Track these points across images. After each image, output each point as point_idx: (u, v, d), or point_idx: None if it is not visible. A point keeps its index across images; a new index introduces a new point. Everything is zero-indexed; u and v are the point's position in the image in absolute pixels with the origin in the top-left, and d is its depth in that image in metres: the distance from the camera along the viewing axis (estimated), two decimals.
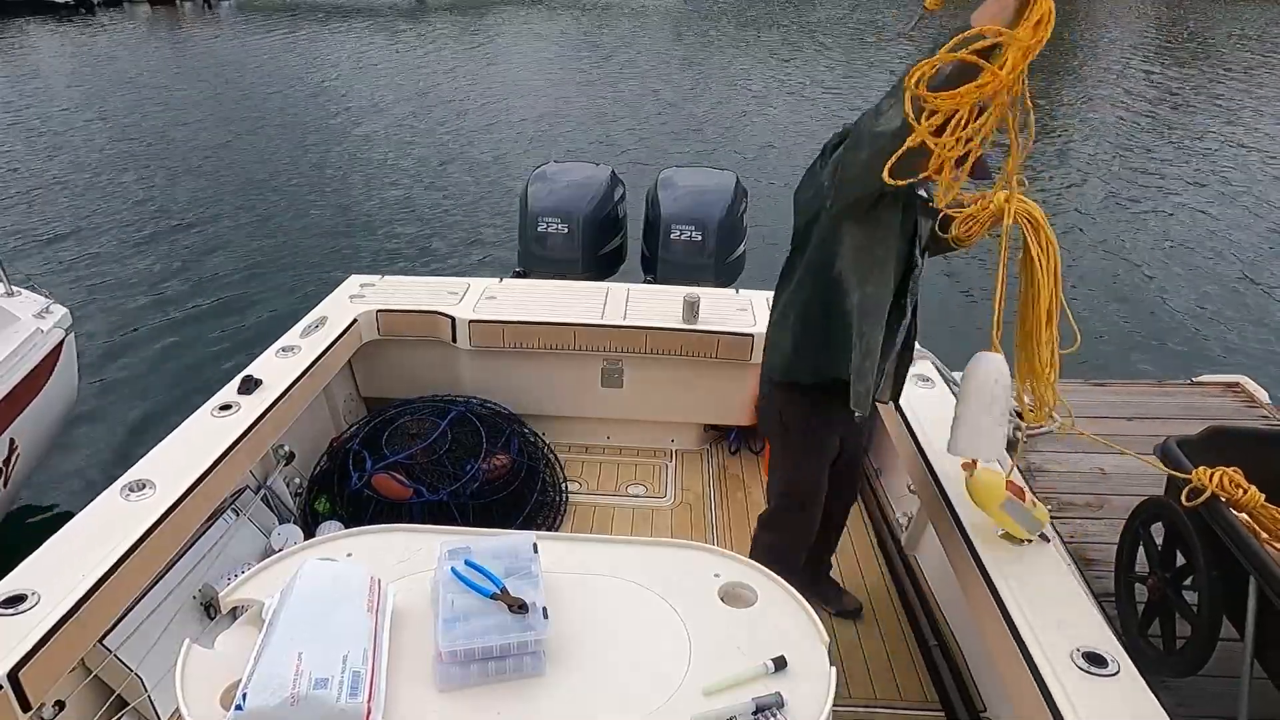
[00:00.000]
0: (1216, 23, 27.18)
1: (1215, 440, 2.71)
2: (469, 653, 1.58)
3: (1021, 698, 2.01)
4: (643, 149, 12.60)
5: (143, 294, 7.87)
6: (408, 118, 14.73)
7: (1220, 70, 19.23)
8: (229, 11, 31.36)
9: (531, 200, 4.86)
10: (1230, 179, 11.41)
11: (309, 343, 3.47)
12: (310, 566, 1.74)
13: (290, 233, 9.46)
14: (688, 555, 1.97)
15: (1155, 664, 2.61)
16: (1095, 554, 3.32)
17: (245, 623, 1.75)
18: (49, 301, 4.42)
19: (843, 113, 15.12)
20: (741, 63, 20.41)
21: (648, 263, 5.00)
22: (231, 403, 2.97)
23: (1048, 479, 3.75)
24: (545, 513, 3.59)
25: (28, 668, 1.90)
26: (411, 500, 3.36)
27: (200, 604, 2.76)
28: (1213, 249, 9.11)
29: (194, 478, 2.55)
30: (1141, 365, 6.69)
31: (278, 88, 17.19)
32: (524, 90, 17.24)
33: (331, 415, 3.87)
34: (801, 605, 1.81)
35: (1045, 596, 2.18)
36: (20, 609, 2.01)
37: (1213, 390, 4.50)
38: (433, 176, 11.52)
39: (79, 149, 12.55)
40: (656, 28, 27.11)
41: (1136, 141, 13.32)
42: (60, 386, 4.41)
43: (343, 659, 1.52)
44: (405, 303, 3.88)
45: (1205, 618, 2.45)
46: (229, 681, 1.57)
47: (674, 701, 1.57)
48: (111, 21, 28.04)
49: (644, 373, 3.86)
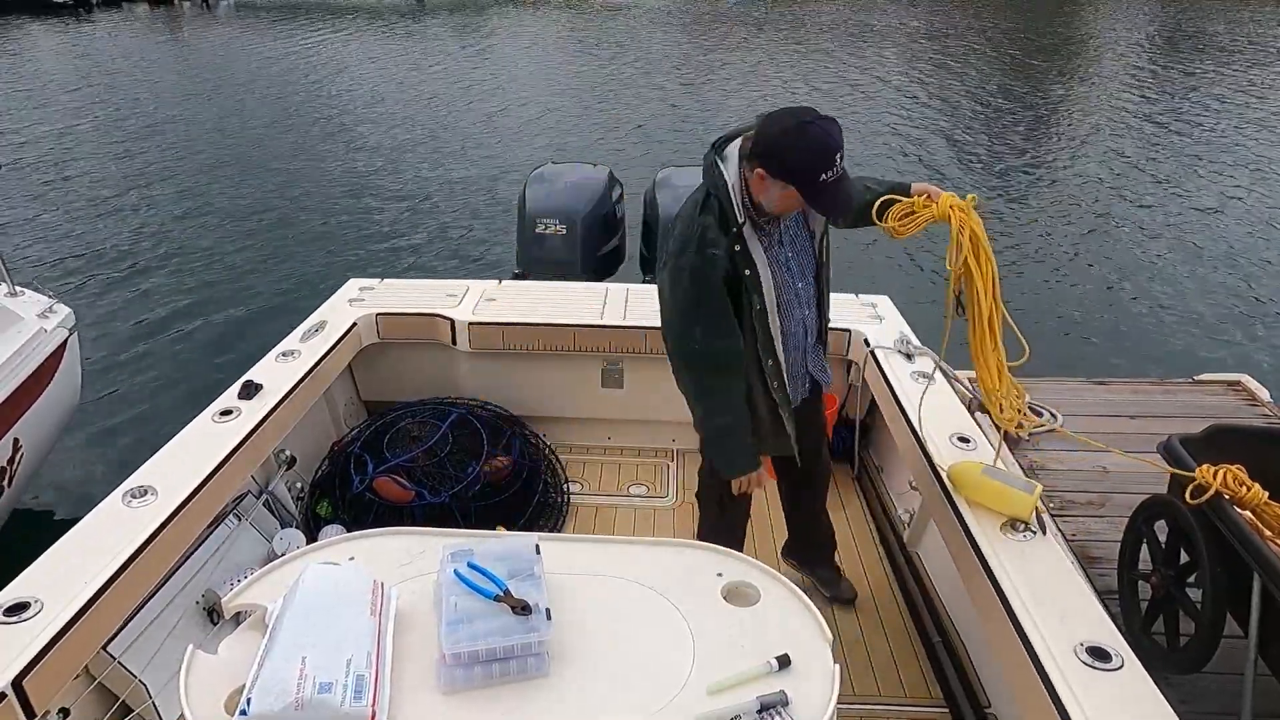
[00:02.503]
0: (1215, 21, 27.20)
1: (1217, 438, 2.71)
2: (472, 655, 1.58)
3: (1025, 693, 2.01)
4: (640, 149, 12.59)
5: (142, 295, 7.88)
6: (406, 119, 14.72)
7: (1222, 69, 19.23)
8: (227, 11, 31.35)
9: (530, 201, 4.86)
10: (1231, 178, 11.41)
11: (309, 347, 3.47)
12: (313, 570, 1.74)
13: (289, 235, 9.45)
14: (690, 555, 1.97)
15: (1159, 661, 2.61)
16: (1098, 552, 3.32)
17: (248, 628, 1.75)
18: (52, 301, 4.43)
19: (843, 112, 15.15)
20: (740, 63, 20.41)
21: (647, 263, 5.00)
22: (232, 408, 2.97)
23: (1050, 477, 3.75)
24: (547, 514, 3.59)
25: (31, 676, 1.89)
26: (413, 503, 3.36)
27: (203, 609, 2.75)
28: (1214, 248, 9.10)
29: (196, 483, 2.55)
30: (1143, 364, 6.69)
31: (276, 88, 17.18)
32: (522, 91, 17.24)
33: (332, 419, 3.87)
34: (805, 604, 1.81)
35: (1048, 591, 2.18)
36: (23, 617, 2.01)
37: (1214, 389, 4.50)
38: (431, 178, 11.51)
39: (78, 149, 12.54)
40: (655, 28, 27.11)
41: (1138, 140, 13.31)
42: (63, 387, 4.41)
43: (346, 663, 1.52)
44: (404, 306, 3.88)
45: (1208, 614, 2.45)
46: (233, 687, 1.57)
47: (678, 701, 1.57)
48: (109, 21, 28.03)
49: (644, 373, 3.85)
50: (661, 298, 2.35)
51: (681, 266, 2.23)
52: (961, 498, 2.58)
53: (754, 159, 2.11)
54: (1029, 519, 2.45)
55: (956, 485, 2.61)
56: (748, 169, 2.15)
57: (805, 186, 2.08)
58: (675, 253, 2.26)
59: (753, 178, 2.15)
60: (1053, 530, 3.19)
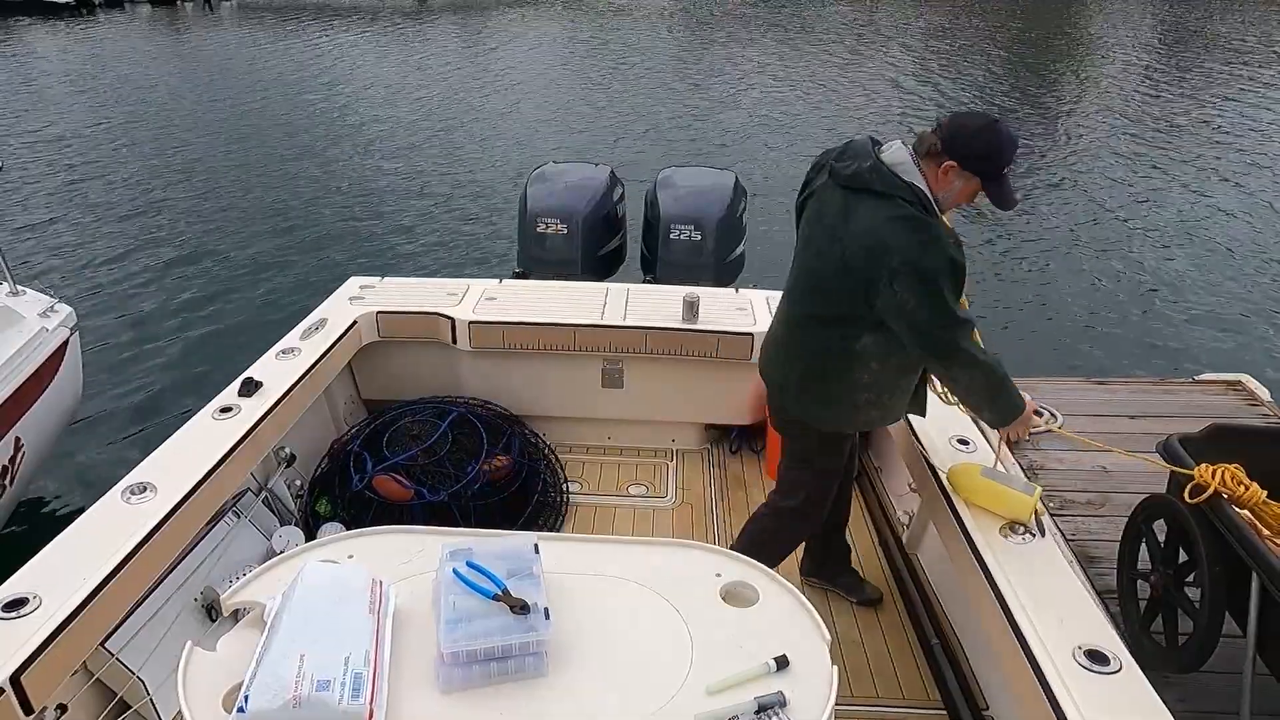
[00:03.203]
0: (1222, 22, 27.18)
1: (1217, 438, 2.71)
2: (471, 654, 1.58)
3: (1023, 696, 2.01)
4: (642, 149, 12.59)
5: (143, 294, 7.88)
6: (408, 118, 14.72)
7: (1224, 70, 19.21)
8: (230, 11, 31.34)
9: (531, 201, 4.86)
10: (1233, 178, 11.40)
11: (309, 345, 3.47)
12: (312, 568, 1.74)
13: (291, 233, 9.46)
14: (689, 555, 1.97)
15: (1158, 660, 2.61)
16: (1098, 551, 3.32)
17: (247, 625, 1.76)
18: (54, 300, 4.44)
19: (843, 112, 15.14)
20: (741, 62, 20.40)
21: (647, 263, 5.00)
22: (232, 405, 2.97)
23: (1050, 477, 3.76)
24: (546, 513, 3.59)
25: (30, 671, 1.90)
26: (412, 502, 3.35)
27: (202, 606, 2.75)
28: (1215, 248, 9.10)
29: (195, 480, 2.55)
30: (1143, 364, 6.69)
31: (278, 88, 17.17)
32: (524, 90, 17.24)
33: (332, 417, 3.87)
34: (803, 605, 1.81)
35: (1047, 594, 2.18)
36: (22, 612, 2.01)
37: (1214, 389, 4.51)
38: (432, 177, 11.52)
39: (81, 149, 12.54)
40: (656, 28, 27.11)
41: (1140, 140, 13.30)
42: (65, 386, 4.42)
43: (344, 661, 1.52)
44: (405, 304, 3.88)
45: (1207, 614, 2.45)
46: (231, 684, 1.57)
47: (676, 701, 1.57)
48: (112, 21, 28.03)
49: (644, 373, 3.85)
50: (919, 295, 2.24)
51: (939, 258, 2.23)
52: (961, 500, 2.58)
53: (946, 154, 2.26)
54: (1028, 521, 2.45)
55: (956, 487, 2.61)
56: (932, 166, 2.29)
57: (993, 177, 2.29)
58: (925, 245, 2.23)
59: (939, 173, 2.28)
60: (1052, 531, 3.19)
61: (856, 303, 2.32)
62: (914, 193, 2.27)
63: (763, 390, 3.82)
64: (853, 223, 2.31)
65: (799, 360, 2.58)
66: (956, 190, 2.31)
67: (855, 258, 2.29)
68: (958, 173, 2.28)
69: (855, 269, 2.29)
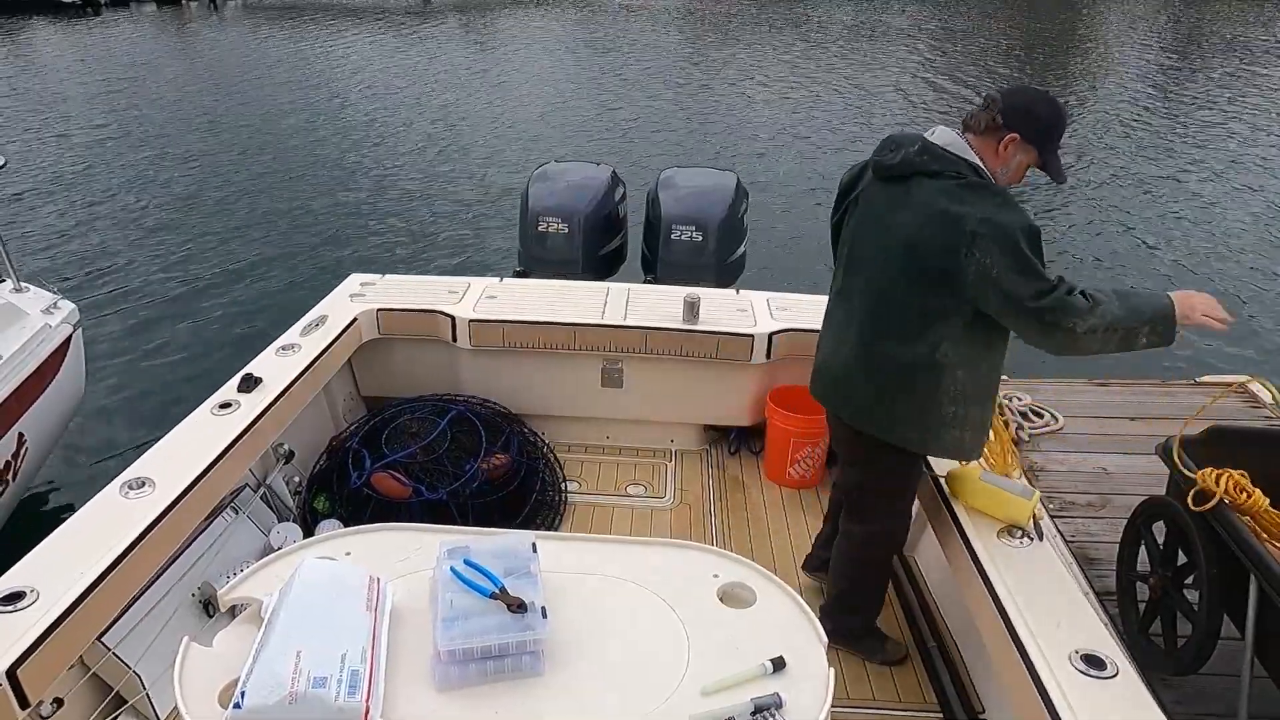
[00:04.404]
0: (1228, 23, 27.15)
1: (1216, 440, 2.70)
2: (468, 652, 1.58)
3: (1020, 700, 2.01)
4: (644, 149, 12.59)
5: (146, 290, 7.89)
6: (411, 117, 14.73)
7: (1226, 71, 19.19)
8: (234, 11, 31.37)
9: (532, 200, 4.86)
10: (1234, 178, 11.39)
11: (309, 341, 3.47)
12: (309, 565, 1.74)
13: (292, 231, 9.47)
14: (687, 555, 1.97)
15: (1156, 662, 2.61)
16: (1097, 553, 3.32)
17: (244, 621, 1.76)
18: (57, 297, 4.45)
19: (843, 112, 15.12)
20: (743, 63, 20.40)
21: (648, 263, 4.99)
22: (231, 401, 2.97)
23: (1050, 478, 3.75)
24: (544, 512, 3.59)
25: (26, 665, 1.90)
26: (411, 499, 3.35)
27: (199, 602, 2.76)
28: (1217, 249, 9.10)
29: (193, 476, 2.55)
30: (1144, 365, 6.67)
31: (281, 87, 17.19)
32: (526, 89, 17.25)
33: (331, 414, 3.87)
34: (800, 606, 1.80)
35: (1044, 598, 2.18)
36: (19, 606, 2.01)
37: (1215, 391, 4.49)
38: (434, 175, 11.52)
39: (85, 147, 12.56)
40: (659, 28, 27.11)
41: (1142, 140, 13.30)
42: (68, 382, 4.43)
43: (341, 658, 1.52)
44: (405, 302, 3.88)
45: (1205, 616, 2.45)
46: (227, 680, 1.57)
47: (672, 702, 1.57)
48: (117, 21, 28.05)
49: (644, 373, 3.85)
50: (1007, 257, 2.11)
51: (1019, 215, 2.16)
52: (959, 503, 2.58)
53: (1006, 128, 2.23)
54: (1027, 525, 2.45)
55: (955, 490, 2.61)
56: (990, 141, 2.26)
57: (1050, 148, 2.28)
58: (1000, 205, 2.16)
59: (998, 147, 2.26)
60: (1052, 533, 3.19)
61: (938, 294, 2.20)
62: (971, 168, 2.22)
63: (763, 391, 3.84)
64: (910, 206, 2.23)
65: (877, 375, 2.41)
66: (1015, 165, 2.27)
67: (924, 237, 2.18)
68: (1019, 145, 2.24)
69: (928, 250, 2.18)
